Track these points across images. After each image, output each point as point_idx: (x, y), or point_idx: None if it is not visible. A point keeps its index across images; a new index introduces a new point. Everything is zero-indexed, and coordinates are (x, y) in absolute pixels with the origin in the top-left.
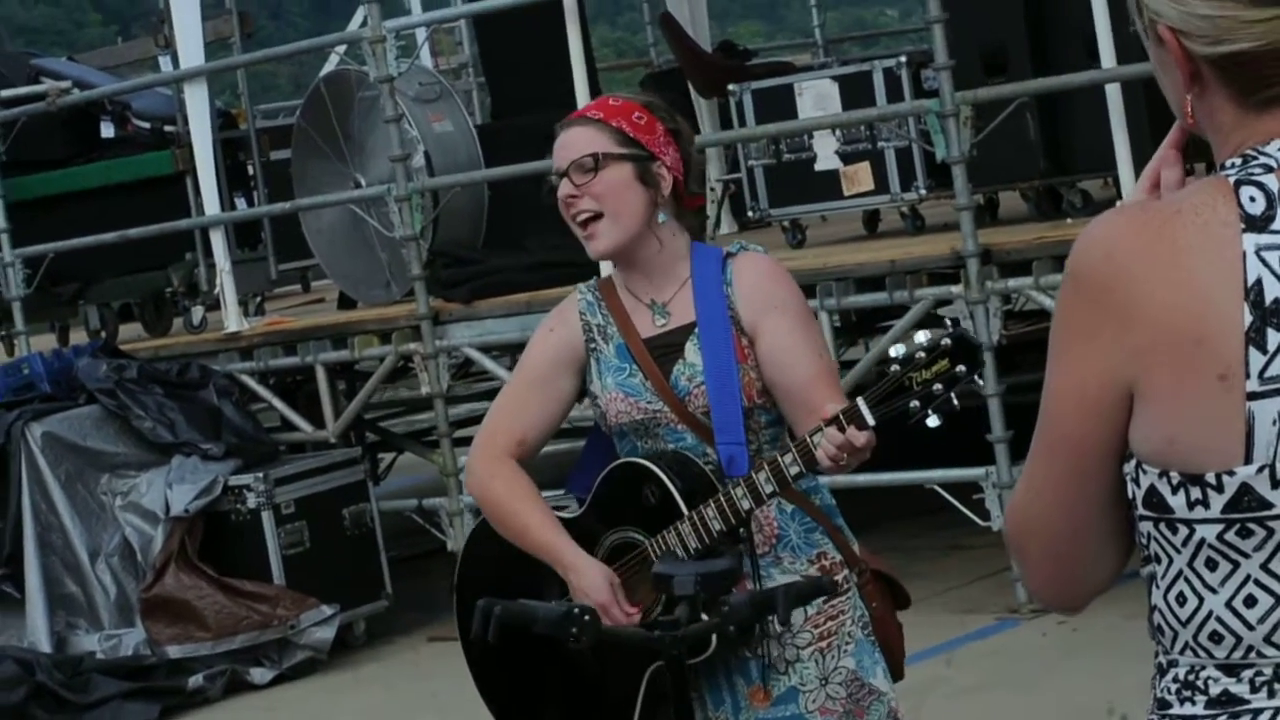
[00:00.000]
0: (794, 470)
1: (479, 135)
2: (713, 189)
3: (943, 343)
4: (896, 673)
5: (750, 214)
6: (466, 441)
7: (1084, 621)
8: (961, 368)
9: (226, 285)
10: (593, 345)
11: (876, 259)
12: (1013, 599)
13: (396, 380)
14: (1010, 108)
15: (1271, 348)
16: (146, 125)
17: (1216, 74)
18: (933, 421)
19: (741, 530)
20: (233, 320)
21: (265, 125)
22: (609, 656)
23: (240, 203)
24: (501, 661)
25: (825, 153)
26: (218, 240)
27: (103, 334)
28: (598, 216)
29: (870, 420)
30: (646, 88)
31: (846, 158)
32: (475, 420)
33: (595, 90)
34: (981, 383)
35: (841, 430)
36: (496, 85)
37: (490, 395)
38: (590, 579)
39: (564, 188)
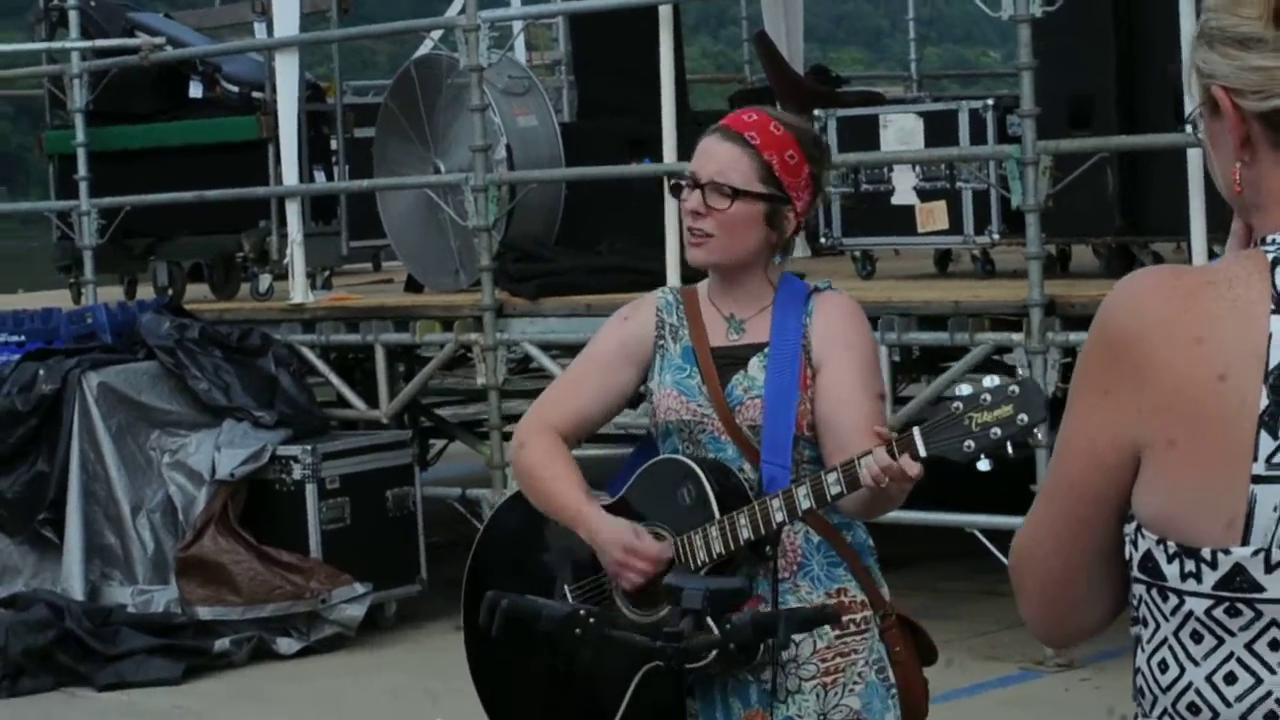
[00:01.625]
0: (835, 490)
1: (563, 133)
2: None
3: (1010, 390)
4: None
5: (823, 240)
6: None
7: (1107, 680)
8: (1024, 417)
9: (297, 256)
10: (661, 342)
11: (942, 298)
12: (1039, 651)
13: (455, 368)
14: (1091, 161)
15: None
16: (235, 89)
17: (1267, 134)
18: (984, 465)
19: (768, 547)
20: (299, 292)
21: (354, 102)
22: (604, 654)
23: (319, 176)
24: (497, 646)
25: (903, 187)
26: (293, 211)
27: (169, 292)
28: (712, 236)
29: (922, 450)
30: (736, 103)
31: (924, 194)
32: None
33: (683, 101)
34: (1040, 436)
35: (893, 456)
36: (585, 86)
37: None
38: (612, 531)
39: (694, 201)
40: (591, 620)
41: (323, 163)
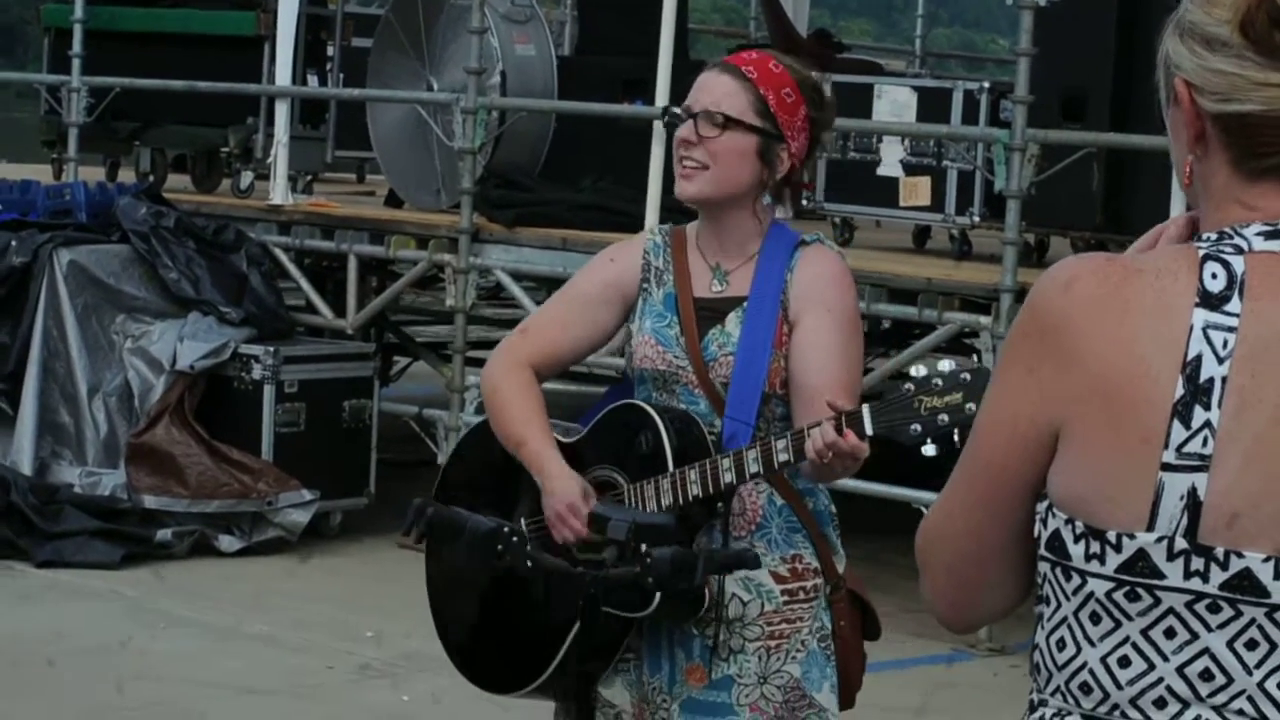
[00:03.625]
0: (782, 457)
1: (559, 67)
2: None
3: (962, 377)
4: (846, 699)
5: (804, 203)
6: (480, 361)
7: None
8: (972, 406)
9: (280, 157)
10: (645, 286)
11: (915, 274)
12: (973, 635)
13: (426, 288)
14: (1078, 154)
15: (1195, 424)
16: None
17: (1220, 135)
18: (929, 450)
19: (720, 505)
20: (279, 193)
21: (356, 11)
22: (554, 589)
23: (312, 80)
24: (456, 577)
25: (890, 159)
26: (281, 111)
27: (150, 178)
28: (704, 168)
29: (869, 429)
30: None
31: (910, 168)
32: (491, 343)
33: (681, 47)
34: None
35: (839, 431)
36: (587, 22)
37: (511, 324)
38: (563, 483)
39: (685, 129)
40: (514, 539)
41: (317, 67)
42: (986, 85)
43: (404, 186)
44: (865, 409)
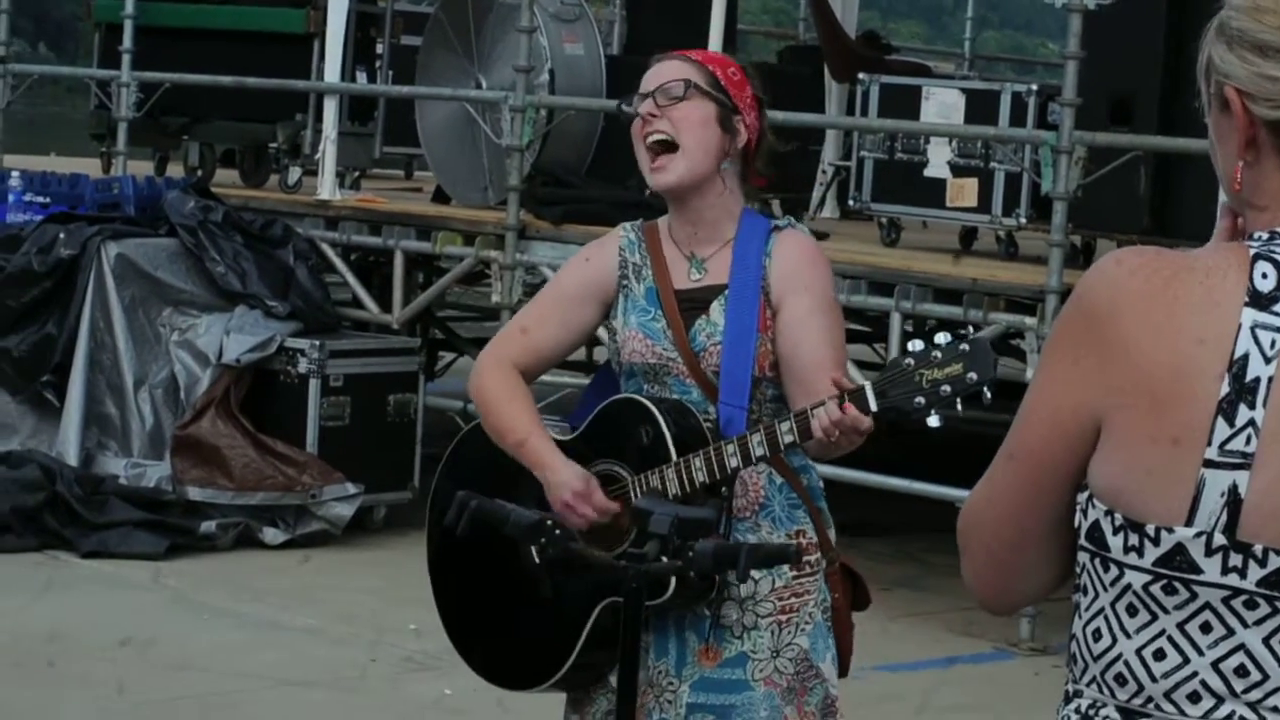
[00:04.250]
0: (788, 439)
1: (608, 66)
2: (824, 171)
3: (961, 348)
4: (843, 667)
5: (851, 203)
6: None
7: None
8: (973, 375)
9: (329, 153)
10: (625, 282)
11: (960, 274)
12: (1014, 633)
13: (472, 284)
14: (1125, 157)
15: (1239, 422)
16: None
17: (1273, 140)
18: (933, 421)
19: (724, 489)
20: (327, 189)
21: (405, 9)
22: (565, 584)
23: (361, 77)
24: (459, 566)
25: (938, 160)
26: (330, 108)
27: (199, 173)
28: (670, 148)
29: (873, 405)
30: (784, 59)
31: (957, 170)
32: None
33: (730, 48)
34: (989, 394)
35: (841, 408)
36: (635, 21)
37: None
38: (565, 474)
39: (645, 105)
40: (557, 531)
41: (366, 64)
42: (1034, 88)
43: (451, 183)
44: (868, 385)
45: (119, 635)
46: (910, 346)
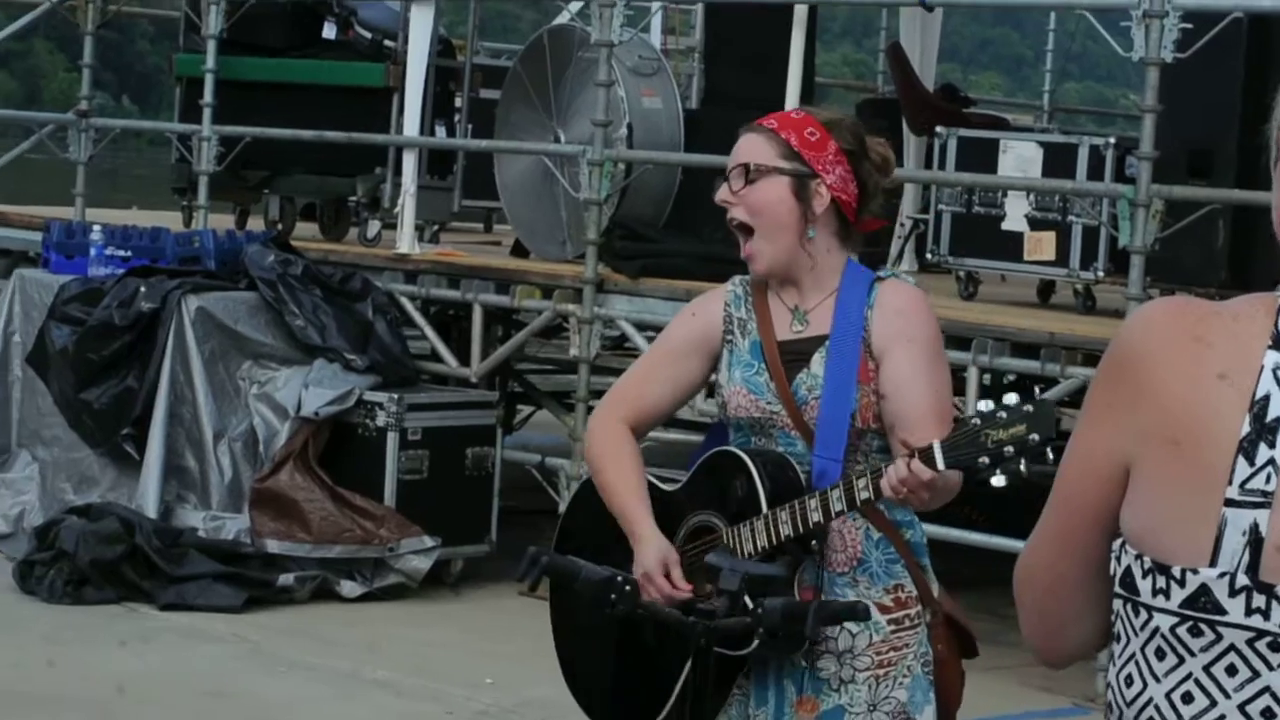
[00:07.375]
0: (864, 495)
1: (686, 119)
2: (902, 224)
3: (1025, 409)
4: (947, 719)
5: (929, 257)
6: None
7: None
8: (1035, 436)
9: (408, 207)
10: (730, 337)
11: (1038, 327)
12: (1092, 688)
13: (550, 338)
14: (1203, 210)
15: (1259, 461)
16: (368, 35)
17: None
18: (997, 481)
19: (813, 542)
20: (406, 242)
21: (484, 63)
22: (668, 636)
23: (440, 131)
24: (577, 624)
25: (1015, 214)
26: (409, 162)
27: (279, 226)
28: (749, 231)
29: (941, 464)
30: (863, 112)
31: (1034, 223)
32: None
33: (808, 101)
34: (1051, 455)
35: (909, 466)
36: (713, 74)
37: None
38: (648, 551)
39: (721, 191)
40: (627, 588)
41: (445, 118)
42: (1112, 141)
43: (529, 236)
44: (936, 445)
45: (198, 689)
46: (980, 406)
